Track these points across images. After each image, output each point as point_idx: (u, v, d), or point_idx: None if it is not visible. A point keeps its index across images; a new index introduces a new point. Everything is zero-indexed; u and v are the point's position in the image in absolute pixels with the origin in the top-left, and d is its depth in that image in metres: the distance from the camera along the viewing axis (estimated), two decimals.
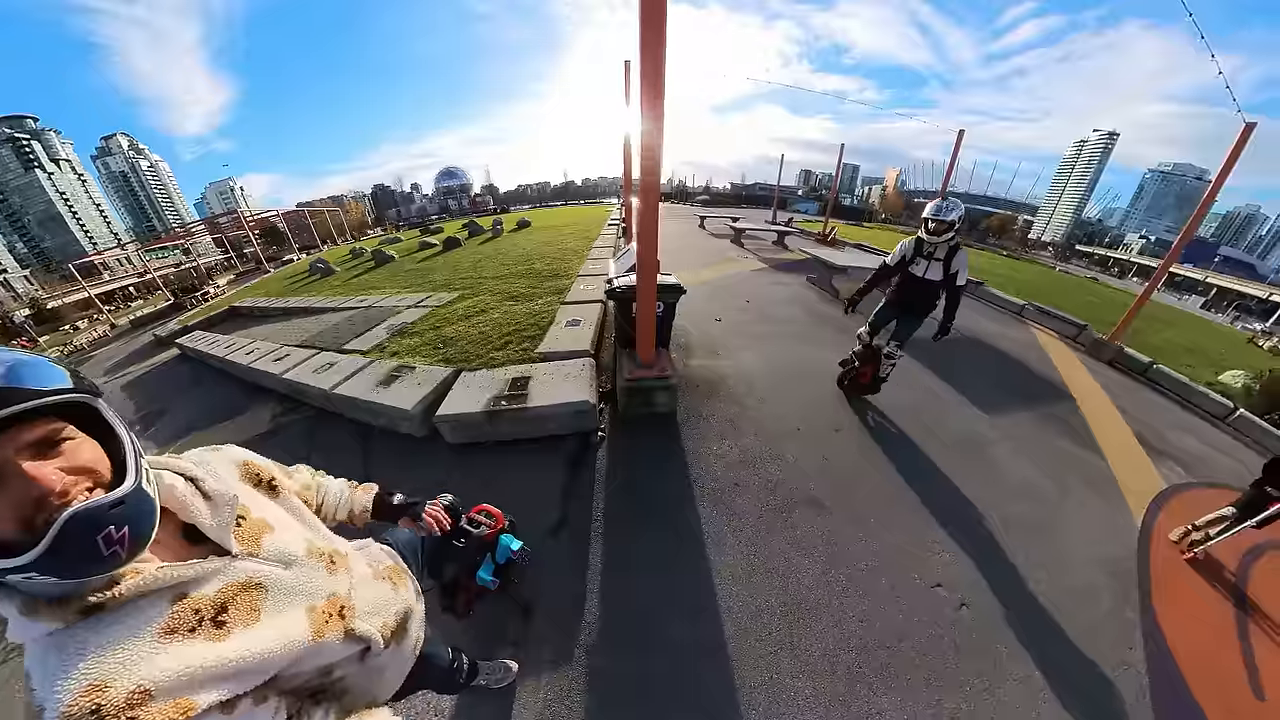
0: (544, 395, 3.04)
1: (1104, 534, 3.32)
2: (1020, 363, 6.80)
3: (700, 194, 50.73)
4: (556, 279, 6.55)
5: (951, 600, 2.40)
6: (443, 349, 4.02)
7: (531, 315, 4.80)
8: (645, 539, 2.53)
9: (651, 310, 3.23)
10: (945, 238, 3.16)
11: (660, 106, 2.48)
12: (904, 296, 3.52)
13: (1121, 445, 4.91)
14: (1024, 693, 2.04)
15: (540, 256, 8.56)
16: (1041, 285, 14.34)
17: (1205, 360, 9.44)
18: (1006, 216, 61.25)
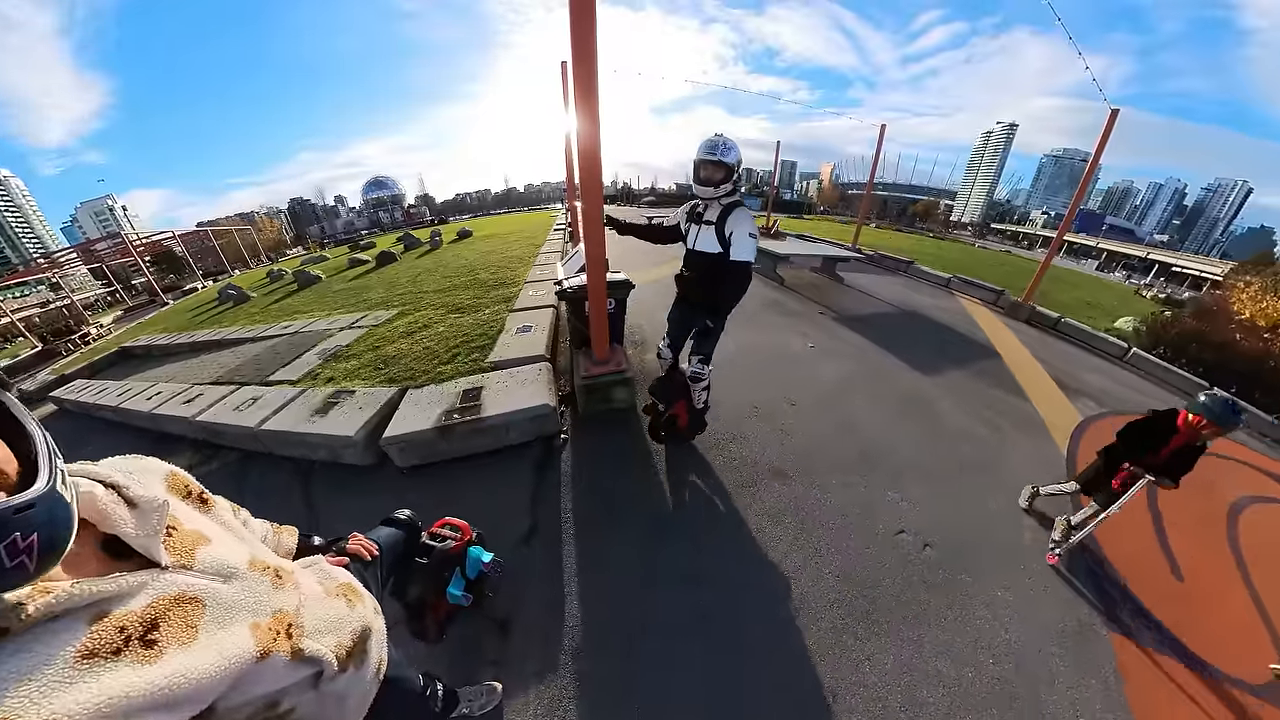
0: (499, 404, 2.98)
1: (1036, 464, 3.85)
2: (952, 328, 7.60)
3: (646, 195, 51.38)
4: (503, 287, 6.41)
5: (915, 544, 2.67)
6: (385, 369, 3.82)
7: (479, 326, 4.67)
8: (618, 535, 2.54)
9: (603, 307, 3.26)
10: (720, 191, 2.29)
11: (595, 104, 2.49)
12: (680, 281, 2.67)
13: (1043, 389, 5.69)
14: (991, 614, 2.32)
15: (485, 266, 8.33)
16: (964, 261, 16.37)
17: (1102, 312, 11.06)
18: (930, 202, 67.99)
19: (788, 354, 5.31)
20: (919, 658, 2.04)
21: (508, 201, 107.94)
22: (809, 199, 62.70)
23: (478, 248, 12.01)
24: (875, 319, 7.30)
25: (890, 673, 1.98)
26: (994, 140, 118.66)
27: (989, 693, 1.95)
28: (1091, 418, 5.10)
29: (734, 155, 2.30)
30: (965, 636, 2.17)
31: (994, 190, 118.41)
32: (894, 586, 2.38)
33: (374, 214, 75.03)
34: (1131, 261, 50.03)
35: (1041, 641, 2.24)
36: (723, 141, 2.30)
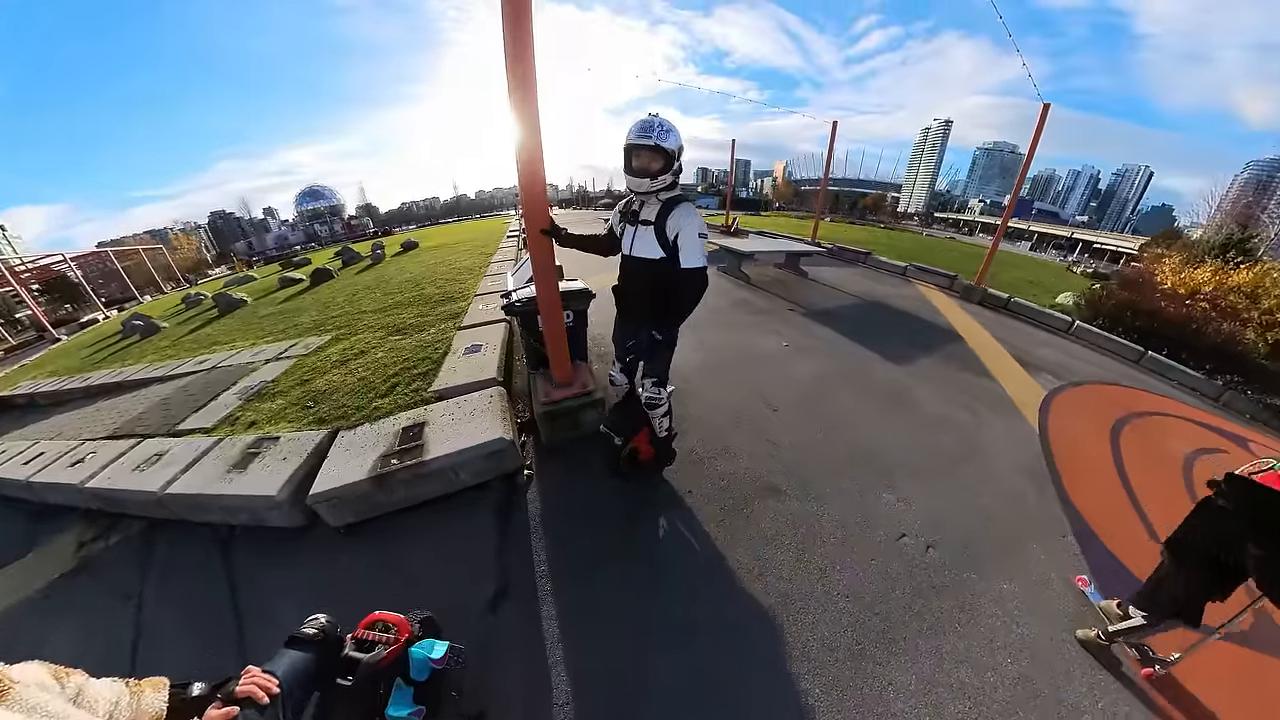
0: (445, 441, 2.65)
1: (1013, 444, 4.00)
2: (915, 315, 7.87)
3: (602, 198, 50.99)
4: (450, 302, 5.98)
5: (918, 546, 2.63)
6: (314, 407, 3.38)
7: (422, 348, 4.27)
8: (605, 579, 2.28)
9: (559, 322, 2.99)
10: (659, 183, 1.94)
11: (533, 104, 2.25)
12: (618, 294, 2.35)
13: (1005, 368, 5.93)
14: (1001, 610, 2.32)
15: (430, 280, 7.81)
16: (915, 249, 17.26)
17: (1044, 289, 11.90)
18: (879, 195, 72.39)
19: (762, 354, 5.23)
20: (940, 671, 1.99)
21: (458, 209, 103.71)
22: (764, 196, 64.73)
23: (424, 260, 11.34)
24: (842, 312, 7.41)
25: (915, 693, 1.91)
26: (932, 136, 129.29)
27: (1012, 695, 1.93)
28: (1053, 390, 5.43)
29: (674, 140, 1.92)
30: (980, 639, 2.16)
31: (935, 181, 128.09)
32: (904, 596, 2.32)
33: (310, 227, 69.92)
34: (1059, 241, 55.38)
35: (1053, 630, 2.27)
36: (659, 122, 1.91)
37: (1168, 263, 10.35)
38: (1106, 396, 5.70)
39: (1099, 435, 4.56)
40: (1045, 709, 1.90)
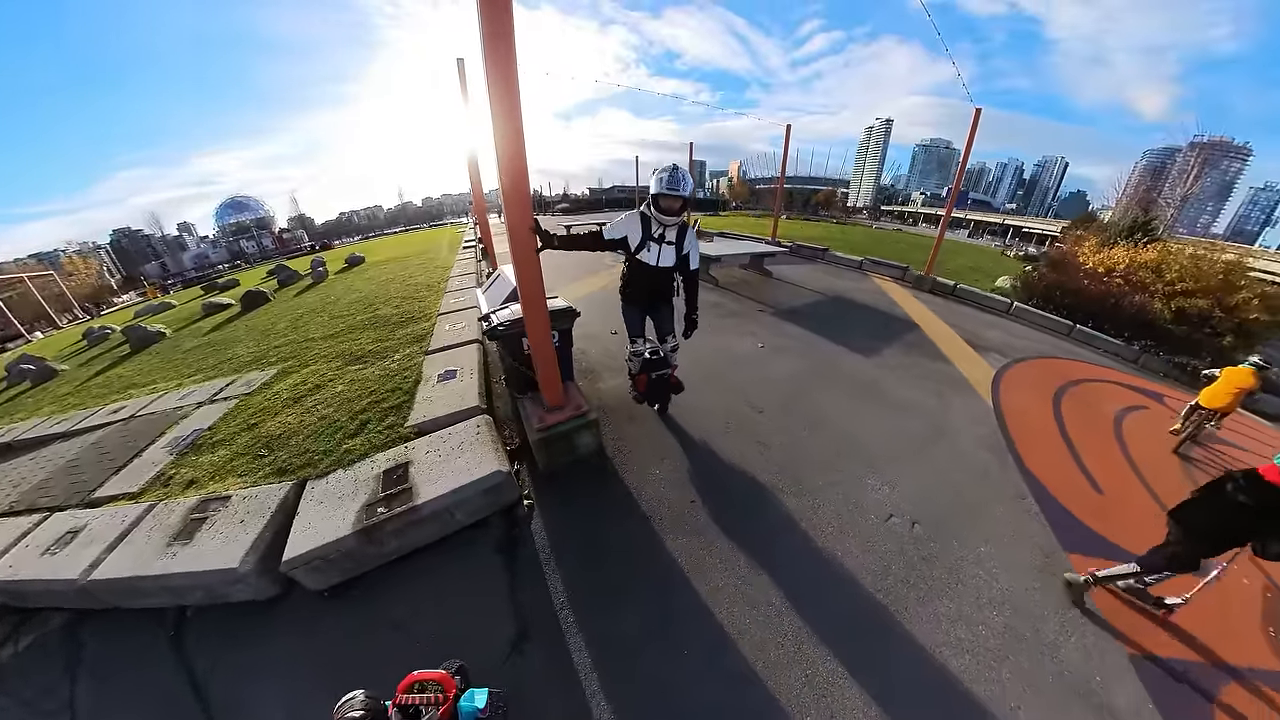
0: (436, 481, 2.46)
1: (973, 420, 4.44)
2: (875, 308, 8.36)
3: (559, 202, 50.11)
4: (412, 323, 5.62)
5: (905, 524, 2.91)
6: (269, 455, 3.03)
7: (389, 378, 3.97)
8: (628, 604, 2.22)
9: (549, 347, 2.87)
10: (677, 219, 2.79)
11: (516, 104, 2.17)
12: (639, 289, 3.10)
13: (959, 350, 6.47)
14: (980, 568, 2.66)
15: (385, 299, 7.32)
16: (867, 242, 18.65)
17: (984, 274, 13.07)
18: (829, 191, 76.53)
19: (740, 356, 5.32)
20: (939, 631, 2.24)
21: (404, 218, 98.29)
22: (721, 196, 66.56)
23: (374, 276, 10.62)
24: (809, 309, 7.71)
25: (922, 658, 2.11)
26: (875, 134, 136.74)
27: (1002, 642, 2.23)
28: (1001, 369, 6.02)
29: (690, 186, 2.70)
30: (968, 598, 2.45)
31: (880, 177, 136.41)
32: (900, 570, 2.56)
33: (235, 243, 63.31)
34: (993, 228, 61.13)
35: (1027, 581, 2.63)
36: (683, 176, 2.67)
37: (1086, 244, 11.61)
38: (1046, 369, 6.36)
39: (1043, 404, 5.16)
40: (1030, 649, 2.22)
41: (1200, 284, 8.35)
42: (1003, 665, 2.13)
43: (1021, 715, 1.94)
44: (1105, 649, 2.29)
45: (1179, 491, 3.75)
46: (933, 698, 1.96)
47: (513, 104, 2.15)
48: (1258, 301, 8.07)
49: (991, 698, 1.99)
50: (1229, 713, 2.09)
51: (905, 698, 1.94)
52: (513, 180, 2.30)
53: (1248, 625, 2.66)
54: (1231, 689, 2.22)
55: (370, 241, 35.10)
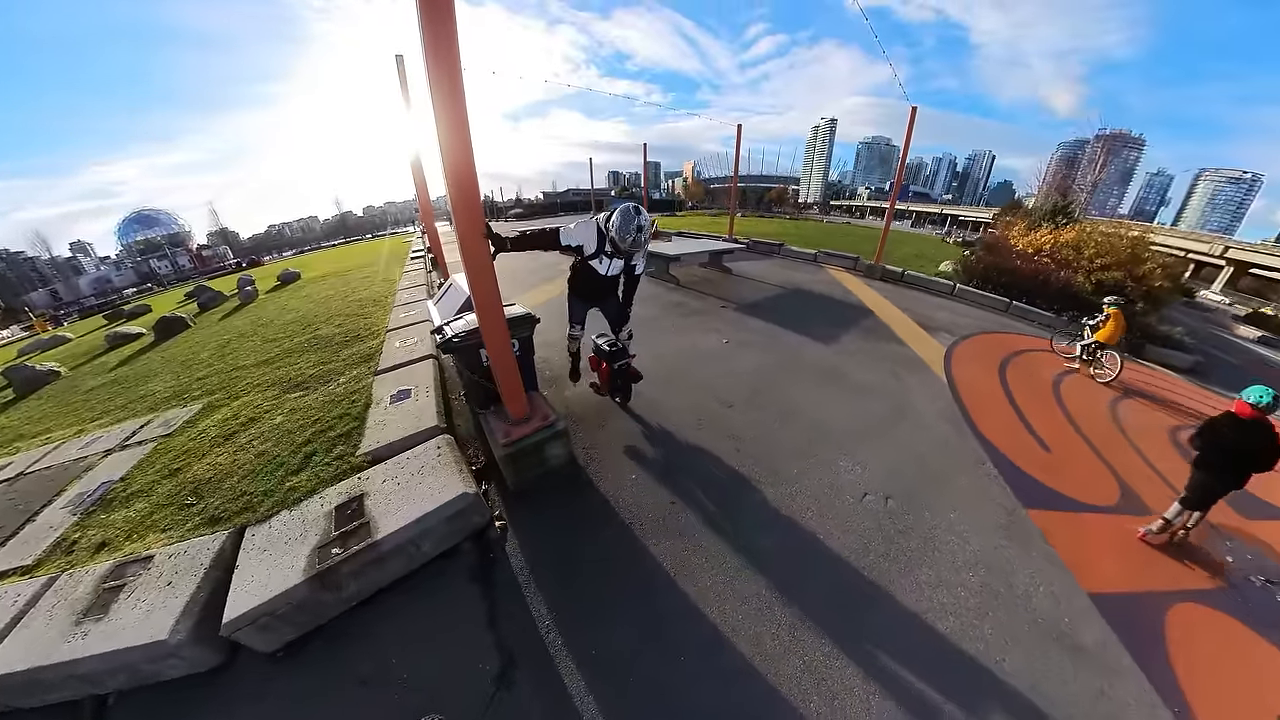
0: (394, 512, 2.29)
1: (930, 396, 4.75)
2: (831, 297, 8.73)
3: (512, 207, 48.92)
4: (358, 342, 5.28)
5: (879, 501, 3.07)
6: (197, 503, 2.71)
7: (335, 403, 3.69)
8: (617, 617, 2.16)
9: (508, 354, 2.76)
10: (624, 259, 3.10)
11: (461, 104, 2.06)
12: (588, 288, 3.35)
13: (911, 332, 6.90)
14: (952, 534, 2.84)
15: (326, 317, 6.83)
16: (819, 236, 19.64)
17: (928, 260, 14.00)
18: (781, 188, 79.72)
19: (706, 353, 5.37)
20: (922, 599, 2.37)
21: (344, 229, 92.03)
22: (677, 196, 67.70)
23: (312, 294, 9.89)
24: (769, 302, 7.93)
25: (911, 626, 2.23)
26: (821, 133, 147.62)
27: (980, 600, 2.40)
28: (951, 346, 6.48)
29: (647, 238, 2.94)
30: (945, 563, 2.61)
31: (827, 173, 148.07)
32: (880, 546, 2.69)
33: (143, 264, 56.58)
34: (933, 217, 66.74)
35: (995, 540, 2.85)
36: (639, 230, 2.83)
37: (1015, 229, 12.78)
38: (990, 343, 6.92)
39: (990, 375, 5.62)
40: (1006, 603, 2.41)
41: (1113, 258, 9.44)
42: (984, 622, 2.28)
43: (1006, 665, 2.09)
44: (1070, 593, 2.53)
45: (1113, 441, 4.43)
46: (926, 663, 2.06)
47: (457, 104, 2.06)
48: (1160, 271, 9.48)
49: (979, 654, 2.12)
50: (1177, 632, 2.39)
51: (901, 667, 2.02)
52: (461, 184, 2.19)
53: (1180, 554, 3.02)
54: (1176, 612, 2.54)
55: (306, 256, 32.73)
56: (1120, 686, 2.09)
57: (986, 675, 2.04)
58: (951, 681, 1.99)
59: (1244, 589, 2.82)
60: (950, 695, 1.94)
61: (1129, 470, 4.01)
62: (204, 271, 44.38)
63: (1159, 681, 2.14)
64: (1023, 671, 2.07)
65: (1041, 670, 2.09)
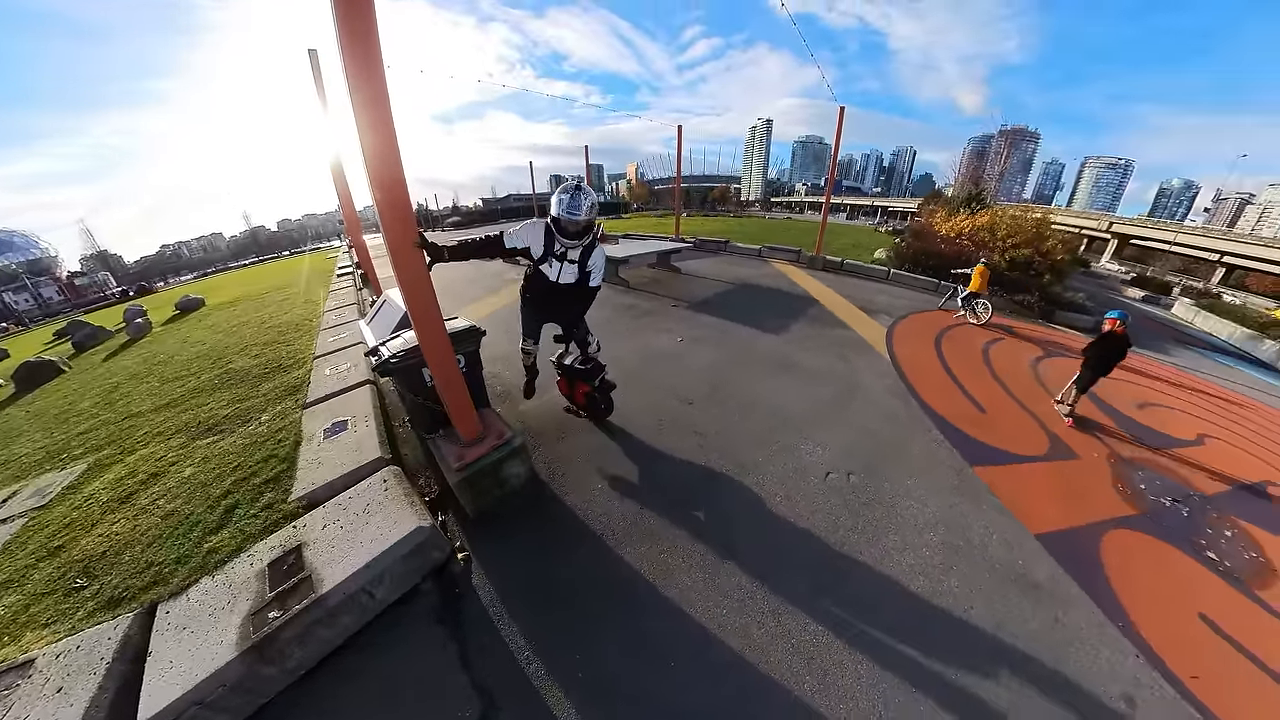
0: (342, 559, 2.10)
1: (877, 375, 5.12)
2: (778, 289, 9.14)
3: (449, 216, 46.72)
4: (281, 373, 4.82)
5: (842, 477, 3.26)
6: (89, 584, 2.32)
7: (257, 445, 3.33)
8: (600, 634, 2.11)
9: (453, 371, 2.63)
10: (586, 240, 2.77)
11: (385, 104, 1.93)
12: (540, 299, 3.08)
13: (854, 316, 7.42)
14: (911, 499, 3.09)
15: (240, 348, 6.17)
16: (762, 232, 20.65)
17: (864, 249, 15.10)
18: (723, 187, 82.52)
19: (661, 353, 5.42)
20: (892, 563, 2.55)
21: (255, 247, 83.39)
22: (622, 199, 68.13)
23: (220, 322, 8.87)
24: (719, 299, 8.16)
25: (885, 591, 2.38)
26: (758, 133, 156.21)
27: (944, 558, 2.62)
28: (891, 327, 7.00)
29: (592, 209, 2.69)
30: (908, 528, 2.83)
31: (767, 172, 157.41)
32: (848, 519, 2.86)
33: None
34: (866, 209, 72.60)
35: (949, 499, 3.13)
36: (584, 200, 2.63)
37: (937, 216, 14.18)
38: (925, 320, 7.59)
39: (928, 350, 6.15)
40: (966, 554, 2.67)
41: (1022, 238, 10.78)
42: (950, 576, 2.48)
43: (974, 612, 2.28)
44: (1020, 538, 2.83)
45: (1035, 395, 5.05)
46: (904, 623, 2.20)
47: (380, 104, 1.92)
48: (1061, 246, 11.03)
49: (950, 606, 2.31)
50: (1111, 557, 2.76)
51: (882, 632, 2.14)
52: (388, 191, 2.06)
53: (1103, 489, 3.49)
54: (1109, 539, 2.94)
55: (211, 279, 29.25)
56: (1072, 613, 2.36)
57: (958, 625, 2.22)
58: (929, 637, 2.14)
59: (1157, 510, 3.33)
60: (930, 650, 2.08)
61: (1053, 420, 4.53)
62: (79, 304, 38.67)
63: (1103, 602, 2.45)
64: (988, 615, 2.28)
65: (1004, 611, 2.31)
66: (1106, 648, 2.20)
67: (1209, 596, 2.62)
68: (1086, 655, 2.15)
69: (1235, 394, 6.93)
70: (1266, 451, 4.74)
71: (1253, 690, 2.12)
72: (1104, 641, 2.23)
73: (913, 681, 1.95)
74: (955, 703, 1.89)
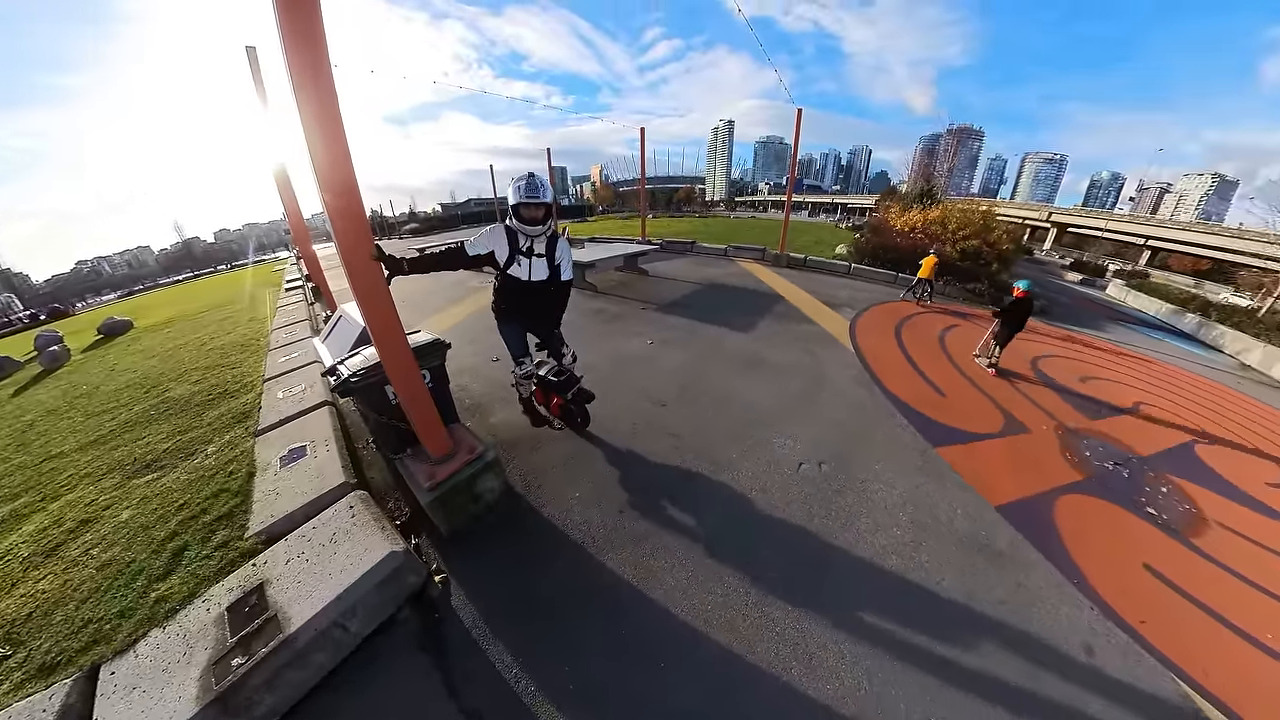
0: (310, 594, 2.01)
1: (843, 367, 5.38)
2: (744, 288, 9.38)
3: (406, 223, 44.75)
4: (228, 399, 4.54)
5: (814, 468, 3.41)
6: (14, 652, 2.10)
7: (204, 479, 3.13)
8: (588, 643, 2.10)
9: (419, 386, 2.57)
10: (546, 227, 2.72)
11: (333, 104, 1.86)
12: (514, 305, 2.97)
13: (819, 311, 7.73)
14: (880, 483, 3.27)
15: (178, 374, 5.74)
16: (727, 231, 21.16)
17: (826, 245, 15.73)
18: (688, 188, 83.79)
19: (632, 356, 5.45)
20: (866, 545, 2.69)
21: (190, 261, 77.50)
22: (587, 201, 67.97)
23: (153, 346, 8.18)
24: (687, 299, 8.29)
25: (862, 573, 2.51)
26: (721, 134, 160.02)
27: (915, 535, 2.79)
28: (854, 319, 7.33)
29: (550, 193, 2.70)
30: (879, 510, 2.99)
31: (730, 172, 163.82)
32: (821, 508, 2.98)
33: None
34: (826, 206, 76.01)
35: (915, 480, 3.33)
36: (541, 182, 2.63)
37: (893, 211, 15.03)
38: (886, 311, 8.01)
39: (888, 340, 6.50)
40: (934, 529, 2.85)
41: (971, 229, 11.59)
42: (920, 553, 2.65)
43: (945, 584, 2.45)
44: (981, 510, 3.07)
45: (989, 377, 5.44)
46: (882, 601, 2.33)
47: (329, 105, 1.85)
48: (1006, 236, 11.96)
49: (922, 580, 2.47)
50: (1064, 520, 3.08)
51: (862, 612, 2.26)
52: (340, 197, 1.98)
53: (1053, 458, 3.82)
54: (1061, 504, 3.23)
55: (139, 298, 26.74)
56: (1033, 575, 2.58)
57: (931, 597, 2.38)
58: (906, 612, 2.28)
59: (1102, 474, 3.66)
60: (908, 624, 2.21)
61: (1006, 399, 4.89)
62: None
63: (1059, 563, 2.69)
64: (958, 585, 2.45)
65: (972, 580, 2.49)
66: (1065, 604, 2.41)
67: (1151, 548, 2.93)
68: (1048, 613, 2.35)
69: (1164, 364, 7.65)
70: (1191, 414, 5.31)
71: (1192, 626, 2.40)
72: (1063, 599, 2.44)
73: (894, 654, 2.07)
74: (934, 668, 2.02)
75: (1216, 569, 2.83)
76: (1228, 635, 2.36)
